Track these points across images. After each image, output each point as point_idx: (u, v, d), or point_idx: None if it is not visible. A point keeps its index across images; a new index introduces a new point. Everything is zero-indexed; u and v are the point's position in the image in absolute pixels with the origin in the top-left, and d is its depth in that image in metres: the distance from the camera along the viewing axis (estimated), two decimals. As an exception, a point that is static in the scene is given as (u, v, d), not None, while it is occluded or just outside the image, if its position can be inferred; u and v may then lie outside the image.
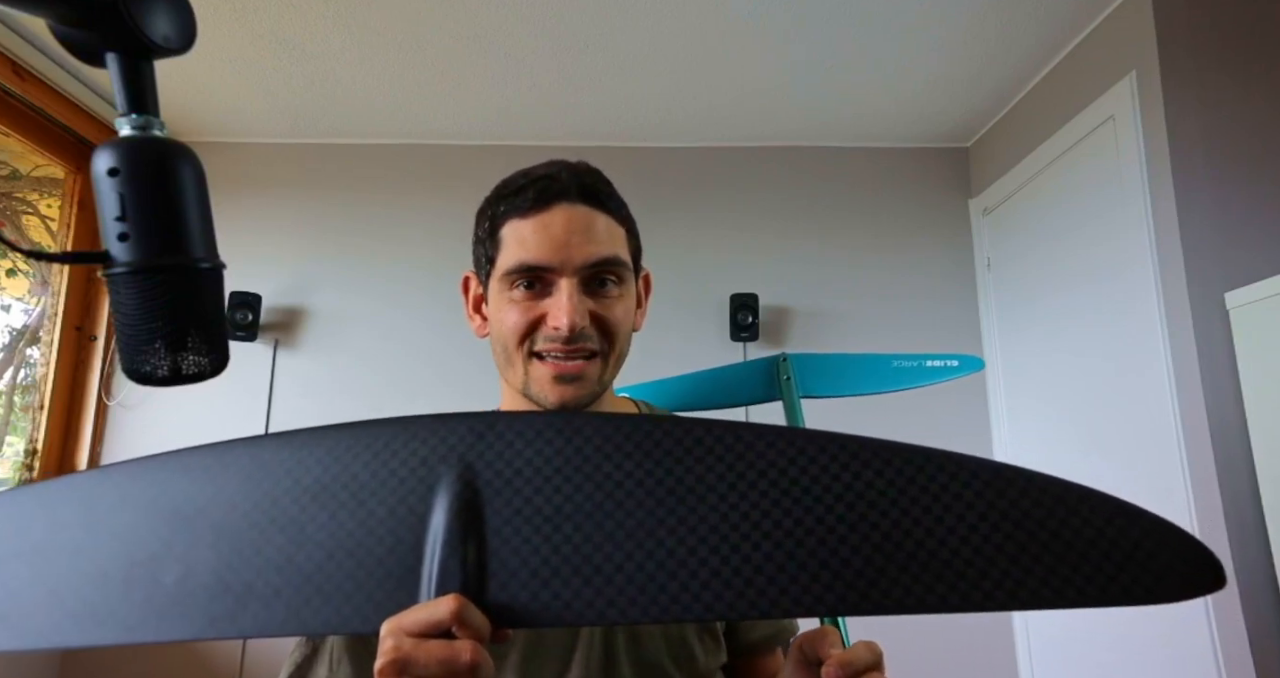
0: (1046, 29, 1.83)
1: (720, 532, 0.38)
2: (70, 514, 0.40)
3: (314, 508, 0.39)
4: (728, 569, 0.37)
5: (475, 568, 0.38)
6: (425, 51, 1.91)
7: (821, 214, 2.41)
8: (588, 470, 0.40)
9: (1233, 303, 1.43)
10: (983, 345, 2.33)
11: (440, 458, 0.40)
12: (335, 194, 2.39)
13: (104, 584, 0.38)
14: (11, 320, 2.16)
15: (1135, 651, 1.64)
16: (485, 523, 0.39)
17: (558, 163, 0.65)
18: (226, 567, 0.38)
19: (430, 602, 0.37)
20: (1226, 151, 1.51)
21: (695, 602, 0.37)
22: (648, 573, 0.38)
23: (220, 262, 0.41)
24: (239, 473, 0.40)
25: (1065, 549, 0.36)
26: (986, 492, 0.38)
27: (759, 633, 0.71)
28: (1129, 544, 0.36)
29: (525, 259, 0.61)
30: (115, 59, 0.38)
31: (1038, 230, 2.05)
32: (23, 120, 1.99)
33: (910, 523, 0.37)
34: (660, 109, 2.22)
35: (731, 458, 0.40)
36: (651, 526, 0.39)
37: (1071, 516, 0.37)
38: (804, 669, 0.54)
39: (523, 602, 0.37)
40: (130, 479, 0.41)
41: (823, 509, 0.38)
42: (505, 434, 0.41)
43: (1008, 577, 0.36)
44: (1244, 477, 1.38)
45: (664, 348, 2.24)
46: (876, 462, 0.39)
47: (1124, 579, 0.35)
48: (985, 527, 0.37)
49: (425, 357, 2.28)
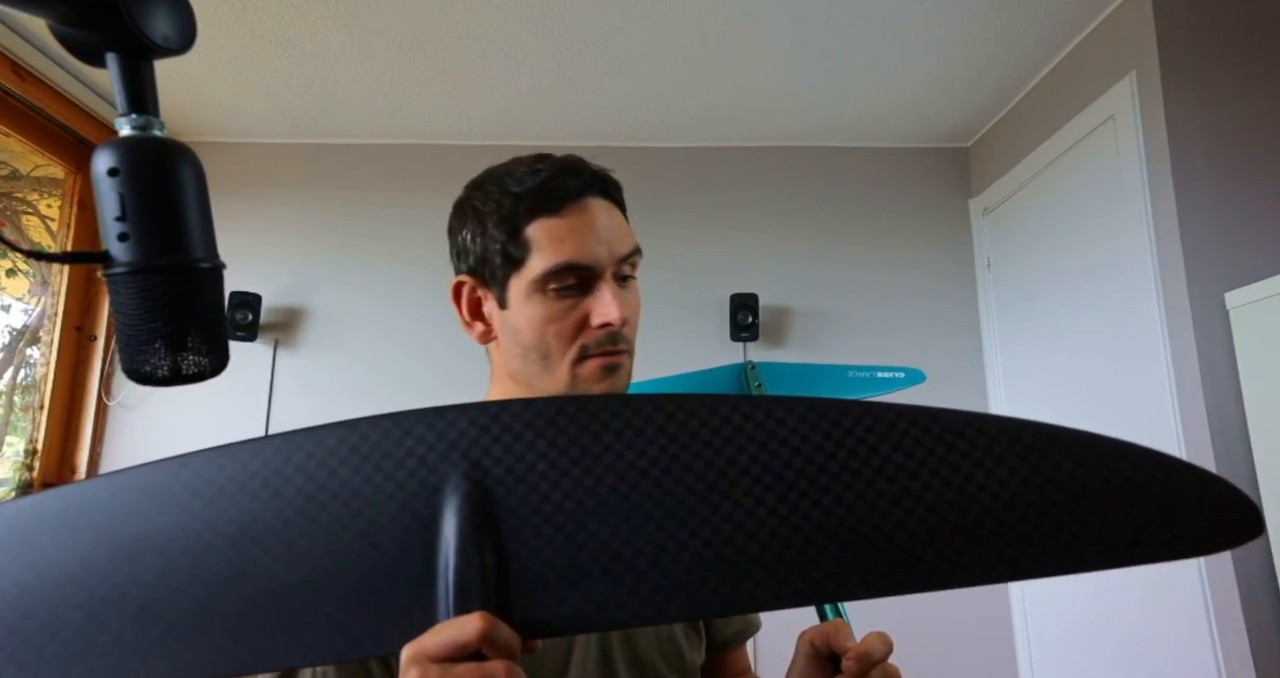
0: (1046, 29, 1.83)
1: (758, 516, 0.35)
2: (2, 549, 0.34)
3: (301, 522, 0.35)
4: (769, 556, 0.35)
5: (495, 578, 0.34)
6: (425, 51, 1.91)
7: (821, 214, 2.41)
8: (608, 459, 0.36)
9: (1233, 303, 1.43)
10: (983, 345, 2.33)
11: (442, 456, 0.36)
12: (335, 194, 2.39)
13: (59, 626, 0.33)
14: (11, 320, 2.16)
15: (1135, 651, 1.64)
16: (501, 525, 0.35)
17: (572, 158, 0.63)
18: (208, 595, 0.34)
19: (454, 621, 0.33)
20: (1226, 151, 1.51)
21: (738, 594, 0.34)
22: (684, 567, 0.34)
23: (220, 262, 0.41)
24: (206, 488, 0.35)
25: (1108, 508, 0.35)
26: (1027, 454, 0.36)
27: (731, 630, 0.73)
28: (1169, 497, 0.35)
29: (569, 259, 0.57)
30: (115, 59, 0.38)
31: (1038, 230, 2.05)
32: (23, 120, 1.99)
33: (954, 493, 0.35)
34: (660, 109, 2.22)
35: (764, 436, 0.36)
36: (684, 515, 0.35)
37: (1112, 472, 0.35)
38: (816, 664, 0.55)
39: (549, 610, 0.34)
40: (71, 506, 0.35)
41: (863, 484, 0.36)
42: (513, 425, 0.37)
43: (1055, 541, 0.34)
44: (1244, 477, 1.38)
45: (664, 348, 2.24)
46: (915, 430, 0.36)
47: (1168, 534, 0.34)
48: (1029, 491, 0.35)
49: (426, 357, 2.28)
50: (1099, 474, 0.35)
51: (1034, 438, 0.36)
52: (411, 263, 2.33)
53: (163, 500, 0.35)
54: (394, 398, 2.24)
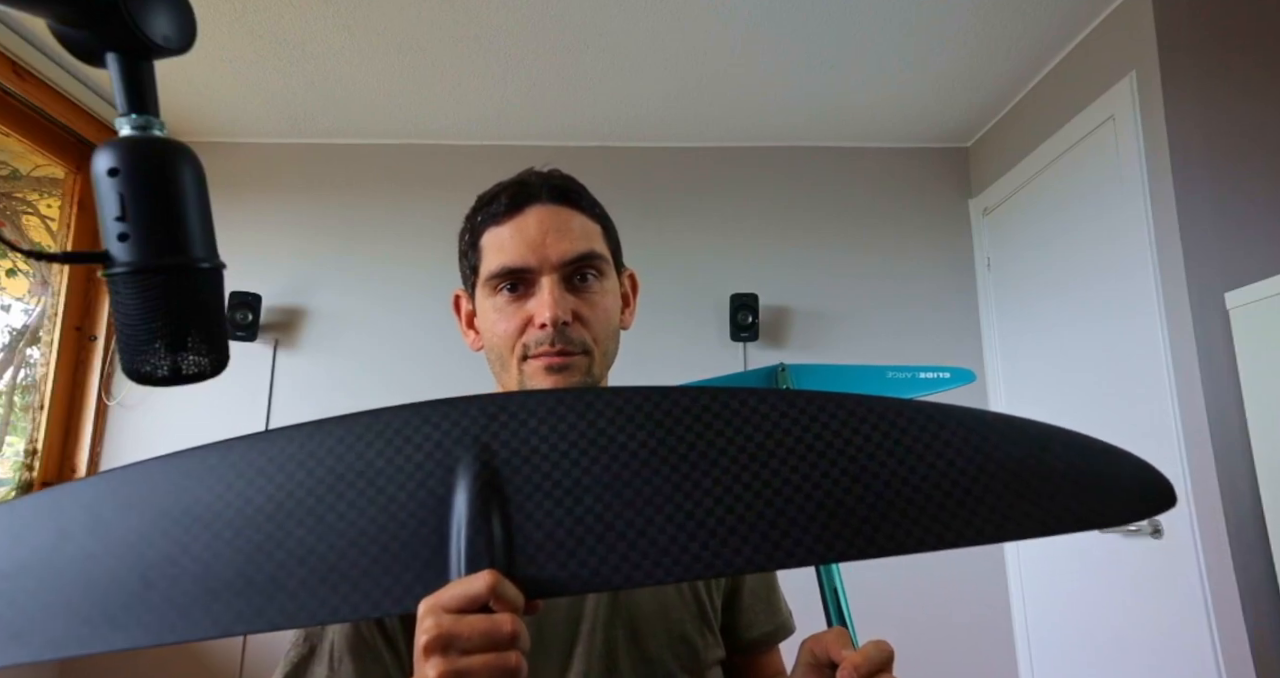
0: (1046, 29, 1.83)
1: (734, 492, 0.40)
2: (75, 523, 0.40)
3: (331, 498, 0.40)
4: (744, 526, 0.39)
5: (502, 544, 0.39)
6: (425, 52, 1.91)
7: (821, 214, 2.41)
8: (602, 442, 0.41)
9: (1233, 303, 1.43)
10: (983, 345, 2.33)
11: (456, 440, 0.41)
12: (335, 194, 2.39)
13: (119, 589, 0.38)
14: (11, 320, 2.16)
15: (1135, 651, 1.64)
16: (507, 500, 0.40)
17: (529, 170, 0.68)
18: (248, 562, 0.38)
19: (465, 579, 0.38)
20: (1226, 152, 1.51)
21: (715, 559, 0.39)
22: (669, 536, 0.39)
23: (220, 262, 0.41)
24: (249, 469, 0.40)
25: (1037, 483, 0.40)
26: (968, 436, 0.41)
27: (759, 631, 0.72)
28: (1091, 474, 0.40)
29: (505, 263, 0.62)
30: (115, 59, 0.38)
31: (1038, 230, 2.05)
32: (23, 120, 1.99)
33: (904, 471, 0.40)
34: (660, 109, 2.22)
35: (739, 422, 0.41)
36: (668, 490, 0.40)
37: (1042, 452, 0.41)
38: (815, 672, 0.54)
39: (550, 573, 0.39)
40: (132, 484, 0.40)
41: (826, 464, 0.41)
42: (518, 413, 0.42)
43: (991, 512, 0.39)
44: (1244, 477, 1.38)
45: (664, 348, 2.24)
46: (871, 417, 0.42)
47: (1088, 506, 0.39)
48: (969, 469, 0.40)
49: (426, 356, 2.28)
50: (1037, 454, 0.41)
51: (977, 423, 0.41)
52: (412, 263, 2.33)
53: (210, 480, 0.40)
54: (394, 398, 2.22)
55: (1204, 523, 1.43)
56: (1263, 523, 1.34)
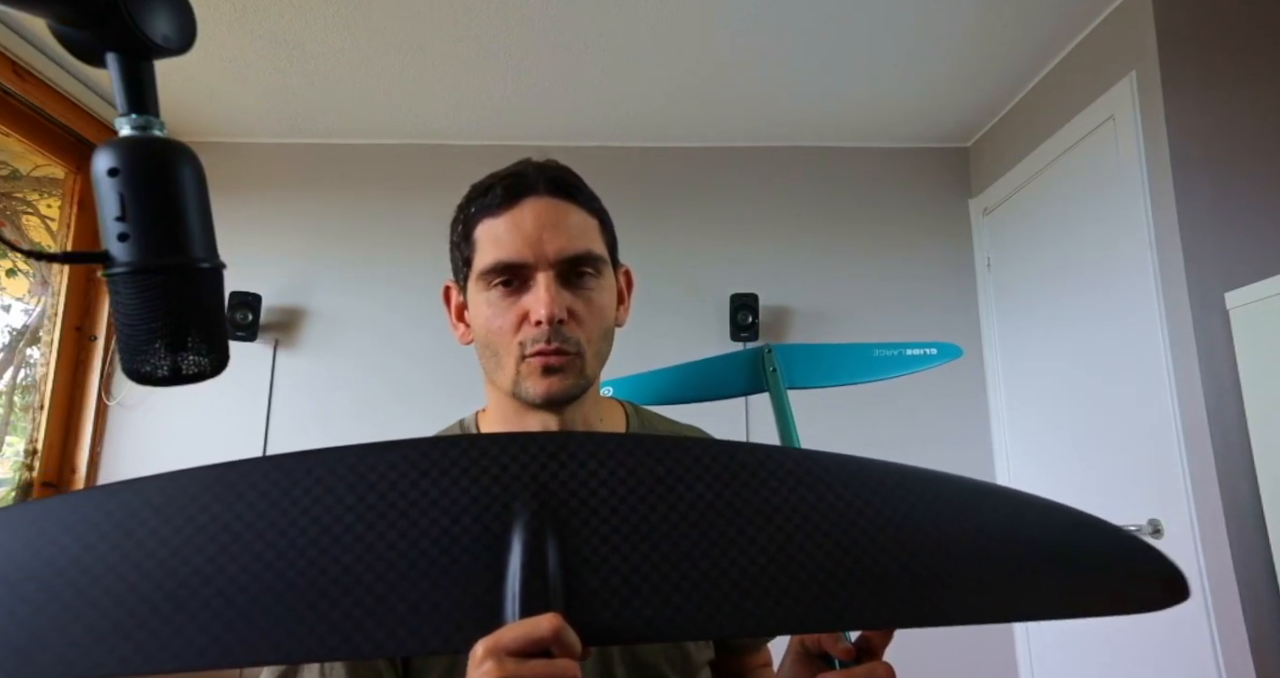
0: (1046, 29, 1.83)
1: (788, 552, 0.40)
2: (97, 531, 0.36)
3: (382, 526, 0.38)
4: (796, 587, 0.39)
5: (559, 587, 0.38)
6: (425, 52, 1.91)
7: (821, 214, 2.41)
8: (661, 491, 0.41)
9: (1233, 303, 1.43)
10: (982, 345, 2.33)
11: (514, 476, 0.40)
12: (335, 194, 2.39)
13: (143, 607, 0.35)
14: (11, 320, 2.16)
15: (1135, 651, 1.64)
16: (564, 544, 0.39)
17: (524, 161, 0.65)
18: (289, 588, 0.36)
19: (529, 621, 0.36)
20: (1226, 152, 1.51)
21: (768, 617, 0.39)
22: (723, 590, 0.39)
23: (220, 262, 0.41)
24: (294, 487, 0.38)
25: (1071, 569, 0.41)
26: (999, 518, 0.42)
27: None
28: (1108, 562, 0.41)
29: (500, 257, 0.60)
30: (115, 59, 0.38)
31: (1038, 230, 2.05)
32: (23, 120, 1.98)
33: (952, 545, 0.41)
34: (660, 109, 2.22)
35: (793, 482, 0.42)
36: (724, 545, 0.40)
37: (1077, 539, 0.42)
38: (805, 661, 0.55)
39: (605, 619, 0.38)
40: (165, 493, 0.38)
41: (884, 535, 0.41)
42: (577, 454, 0.41)
43: (1027, 591, 0.40)
44: (1244, 477, 1.38)
45: (664, 348, 2.23)
46: (915, 488, 0.42)
47: (1103, 593, 0.40)
48: (998, 549, 0.41)
49: (425, 356, 2.27)
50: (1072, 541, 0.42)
51: (1005, 504, 0.43)
52: (412, 263, 2.33)
53: (252, 495, 0.38)
54: (394, 398, 2.24)
55: (1204, 523, 1.43)
56: (1263, 523, 1.34)
